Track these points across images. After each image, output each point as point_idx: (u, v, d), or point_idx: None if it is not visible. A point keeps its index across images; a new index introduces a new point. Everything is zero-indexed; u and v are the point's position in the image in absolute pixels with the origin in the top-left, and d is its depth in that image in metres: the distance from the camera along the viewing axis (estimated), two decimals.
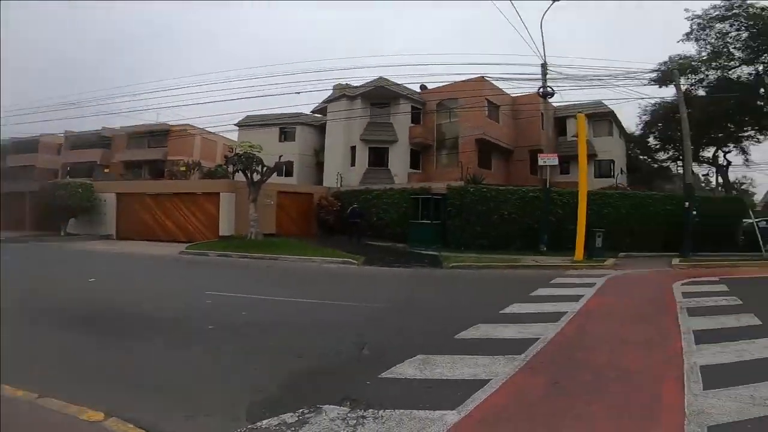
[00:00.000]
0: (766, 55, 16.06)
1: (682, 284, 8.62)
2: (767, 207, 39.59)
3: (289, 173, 26.90)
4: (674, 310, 6.17)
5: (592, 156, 25.03)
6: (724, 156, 30.17)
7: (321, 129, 28.66)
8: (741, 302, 6.65)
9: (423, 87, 27.23)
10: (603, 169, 25.17)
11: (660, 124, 31.45)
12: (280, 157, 18.60)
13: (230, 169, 18.60)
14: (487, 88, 22.67)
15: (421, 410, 2.84)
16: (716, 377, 3.41)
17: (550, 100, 16.29)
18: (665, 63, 18.08)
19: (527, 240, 14.61)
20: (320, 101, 27.53)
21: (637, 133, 33.61)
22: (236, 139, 26.14)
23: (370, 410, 2.84)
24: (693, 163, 35.76)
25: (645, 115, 32.43)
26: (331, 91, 26.17)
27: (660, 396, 3.17)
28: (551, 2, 13.99)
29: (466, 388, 3.25)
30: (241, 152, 16.95)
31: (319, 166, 28.15)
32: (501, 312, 6.04)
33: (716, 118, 25.41)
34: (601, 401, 3.11)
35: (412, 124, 24.73)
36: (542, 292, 7.68)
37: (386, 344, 4.60)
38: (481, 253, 13.77)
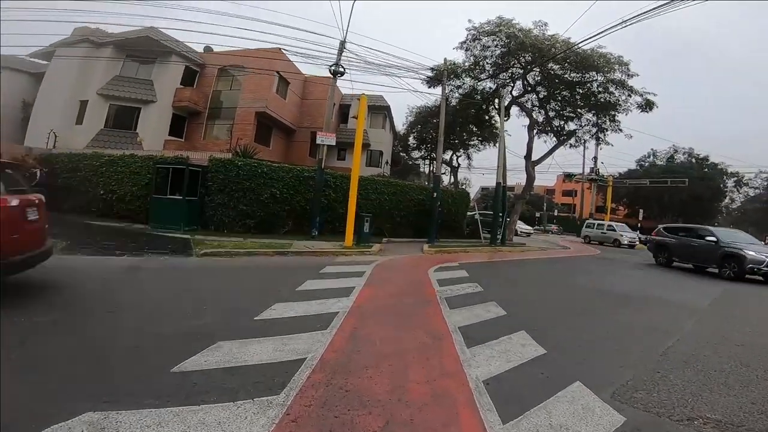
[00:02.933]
0: (504, 74, 20.03)
1: (435, 270, 9.33)
2: (478, 202, 52.87)
3: None
4: (436, 301, 6.19)
5: (366, 145, 26.77)
6: (457, 159, 38.10)
7: (40, 78, 19.98)
8: (482, 289, 7.42)
9: (208, 49, 22.87)
10: (374, 158, 27.39)
11: (419, 126, 37.11)
12: None
13: None
14: (282, 59, 20.76)
15: None
16: (506, 398, 2.88)
17: (339, 82, 15.90)
18: (439, 66, 20.61)
19: (299, 222, 13.73)
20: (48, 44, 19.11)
21: (402, 131, 38.76)
22: None
23: None
24: (434, 162, 44.71)
25: (410, 116, 37.66)
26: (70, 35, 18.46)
27: None
28: None
29: None
30: None
31: (27, 121, 19.59)
32: (256, 318, 4.46)
33: (459, 125, 31.62)
34: None
35: (182, 86, 20.11)
36: (310, 285, 6.56)
37: None
38: (247, 236, 11.96)
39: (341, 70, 13.93)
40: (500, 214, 16.63)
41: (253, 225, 12.86)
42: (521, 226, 35.74)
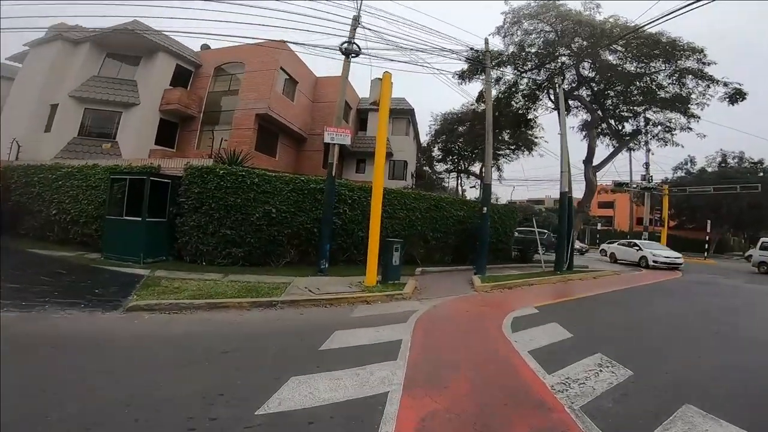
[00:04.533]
0: (551, 64, 16.55)
1: (512, 327, 5.68)
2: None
3: None
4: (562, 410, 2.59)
5: (388, 155, 23.44)
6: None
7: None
8: (627, 371, 3.95)
9: (206, 47, 20.35)
10: (397, 169, 23.88)
11: (444, 136, 33.64)
12: None
13: None
14: (286, 50, 17.88)
15: None
16: None
17: (356, 85, 12.68)
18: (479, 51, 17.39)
19: (305, 250, 10.28)
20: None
21: (425, 142, 35.37)
22: None
23: None
24: (462, 176, 40.81)
25: (435, 123, 34.21)
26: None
27: None
28: None
29: None
30: None
31: None
32: None
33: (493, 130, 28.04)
34: None
35: (171, 87, 17.32)
36: (296, 392, 3.07)
37: None
38: (231, 271, 8.57)
39: (355, 48, 10.60)
40: (568, 233, 12.74)
41: (242, 255, 9.45)
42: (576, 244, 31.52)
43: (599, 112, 16.97)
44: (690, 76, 15.46)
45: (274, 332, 4.98)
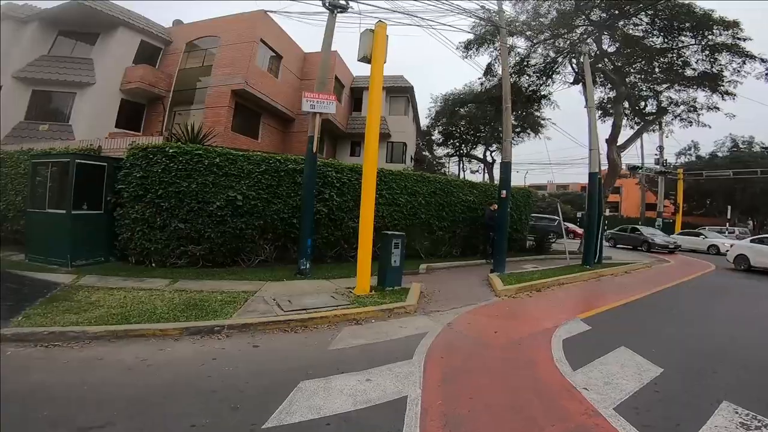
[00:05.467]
0: (568, 35, 14.46)
1: (574, 368, 3.72)
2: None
3: None
4: None
5: (385, 135, 21.40)
6: (491, 154, 32.32)
7: None
8: None
9: (178, 22, 18.20)
10: (396, 152, 21.75)
11: (444, 118, 31.47)
12: None
13: None
14: (268, 21, 15.79)
15: None
16: None
17: (349, 62, 10.62)
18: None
19: (281, 245, 8.34)
20: None
21: (424, 126, 33.22)
22: None
23: None
24: (464, 160, 38.68)
25: (435, 105, 31.96)
26: None
27: None
28: None
29: None
30: None
31: None
32: None
33: (489, 117, 26.01)
34: None
35: (134, 65, 15.18)
36: None
37: None
38: (183, 274, 6.66)
39: (342, 2, 8.50)
40: (597, 220, 10.78)
41: (202, 254, 7.52)
42: None
43: (624, 87, 14.89)
44: (725, 51, 13.44)
45: (192, 390, 3.02)
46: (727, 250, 13.82)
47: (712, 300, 7.88)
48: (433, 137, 34.17)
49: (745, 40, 12.84)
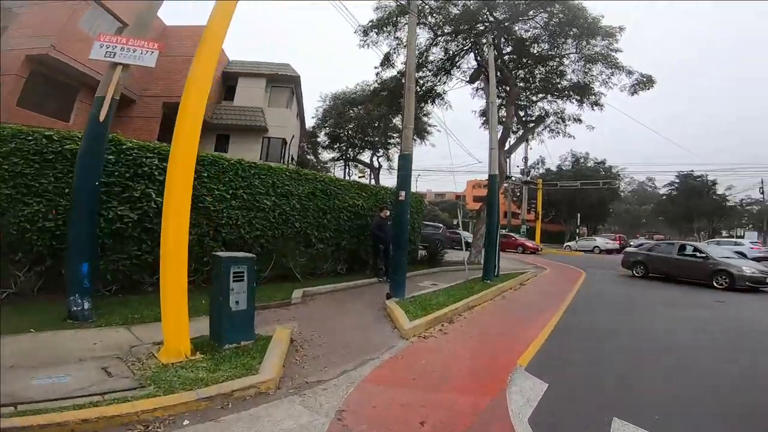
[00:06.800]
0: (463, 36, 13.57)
1: None
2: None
3: None
4: None
5: (260, 129, 18.22)
6: (378, 159, 31.40)
7: None
8: None
9: None
10: (273, 149, 18.59)
11: (332, 120, 29.45)
12: None
13: None
14: None
15: None
16: None
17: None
18: None
19: (45, 269, 4.99)
20: None
21: (311, 127, 30.67)
22: None
23: None
24: (351, 164, 37.08)
25: (324, 102, 29.58)
26: None
27: None
28: None
29: None
30: None
31: None
32: None
33: (384, 114, 24.82)
34: None
35: None
36: None
37: None
38: None
39: None
40: (496, 228, 9.69)
41: None
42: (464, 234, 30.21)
43: (516, 88, 14.72)
44: (599, 62, 14.04)
45: None
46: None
47: (622, 313, 7.21)
48: (319, 139, 31.83)
49: (617, 51, 13.49)
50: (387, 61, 15.34)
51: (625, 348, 4.96)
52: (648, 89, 13.83)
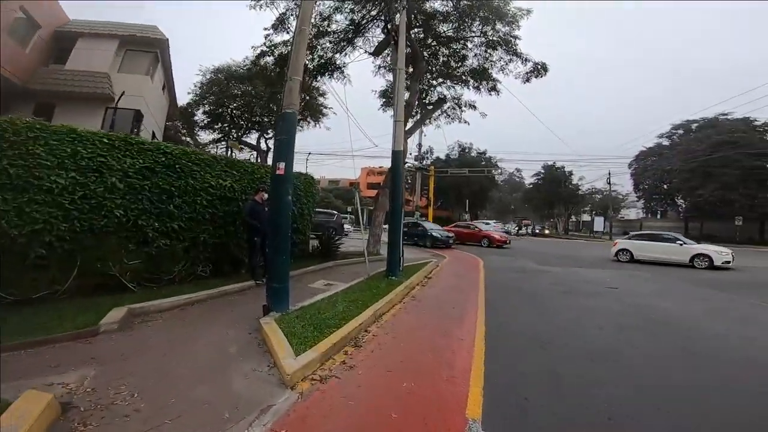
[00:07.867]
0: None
1: None
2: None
3: None
4: None
5: (102, 98, 14.03)
6: (266, 141, 28.37)
7: None
8: None
9: None
10: (121, 123, 14.40)
11: (212, 97, 25.41)
12: None
13: None
14: None
15: None
16: None
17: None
18: None
19: None
20: None
21: (186, 103, 25.94)
22: None
23: None
24: (232, 149, 32.80)
25: (203, 77, 25.37)
26: None
27: None
28: None
29: None
30: None
31: None
32: None
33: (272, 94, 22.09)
34: None
35: None
36: None
37: None
38: None
39: None
40: (400, 215, 8.27)
41: None
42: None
43: (423, 63, 13.63)
44: (500, 47, 13.82)
45: None
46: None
47: (555, 311, 6.45)
48: (197, 118, 27.25)
49: (516, 38, 13.36)
50: (282, 24, 12.88)
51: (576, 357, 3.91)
52: (541, 77, 14.09)
